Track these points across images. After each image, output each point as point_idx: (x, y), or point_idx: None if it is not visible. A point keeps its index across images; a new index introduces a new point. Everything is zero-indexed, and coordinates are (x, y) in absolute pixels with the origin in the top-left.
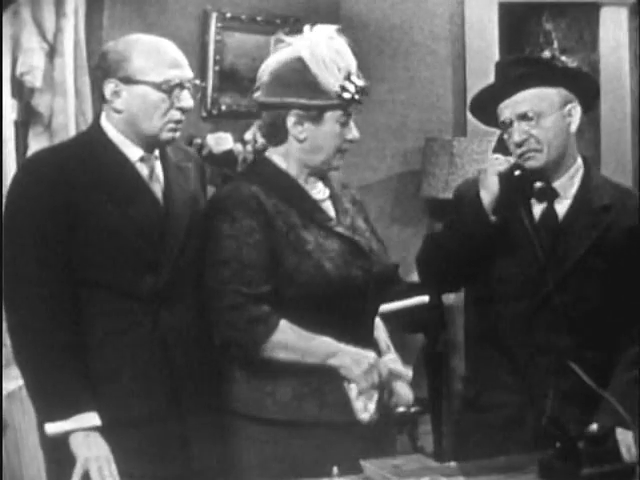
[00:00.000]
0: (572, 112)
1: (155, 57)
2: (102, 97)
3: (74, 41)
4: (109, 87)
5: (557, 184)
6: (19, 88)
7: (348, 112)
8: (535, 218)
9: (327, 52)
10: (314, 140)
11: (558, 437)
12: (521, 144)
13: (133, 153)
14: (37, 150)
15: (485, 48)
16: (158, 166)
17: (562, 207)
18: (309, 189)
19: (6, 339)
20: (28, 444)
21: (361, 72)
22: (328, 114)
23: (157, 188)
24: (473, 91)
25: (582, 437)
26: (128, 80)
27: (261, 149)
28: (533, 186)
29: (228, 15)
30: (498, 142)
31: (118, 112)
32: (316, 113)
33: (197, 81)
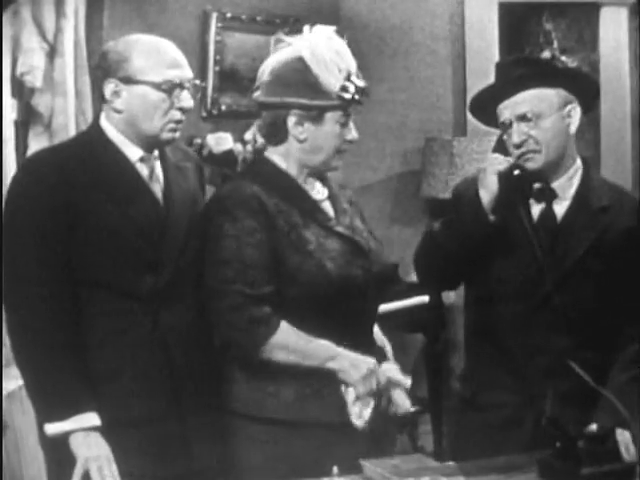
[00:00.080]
0: (572, 113)
1: (155, 57)
2: (102, 97)
3: (74, 41)
4: (109, 87)
5: (556, 185)
6: (19, 88)
7: (348, 112)
8: (534, 218)
9: (327, 52)
10: (314, 140)
11: (558, 437)
12: (520, 145)
13: (133, 153)
14: (37, 150)
15: (485, 48)
16: (158, 166)
17: (561, 208)
18: (308, 189)
19: (6, 339)
20: (28, 444)
21: (361, 72)
22: (329, 114)
23: (157, 188)
24: (473, 91)
25: (582, 437)
26: (128, 80)
27: (261, 149)
28: (532, 186)
29: (228, 15)
30: (498, 142)
31: (118, 112)
32: (317, 113)
33: (197, 81)
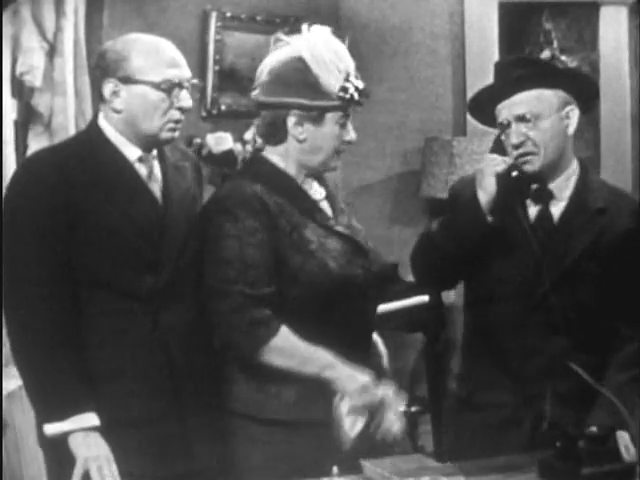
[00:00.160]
0: (570, 115)
1: (154, 57)
2: (101, 97)
3: (74, 40)
4: (108, 87)
5: (552, 185)
6: (19, 88)
7: (347, 113)
8: (530, 219)
9: (327, 53)
10: (314, 141)
11: (558, 437)
12: (518, 146)
13: (131, 153)
14: (36, 150)
15: (485, 48)
16: (156, 166)
17: (557, 209)
18: (307, 189)
19: (6, 339)
20: (28, 444)
21: (361, 72)
22: (329, 115)
23: (156, 188)
24: (473, 91)
25: (582, 437)
26: (127, 80)
27: (261, 149)
28: (530, 187)
29: (228, 14)
30: (495, 142)
31: (117, 112)
32: (317, 114)
33: (196, 80)
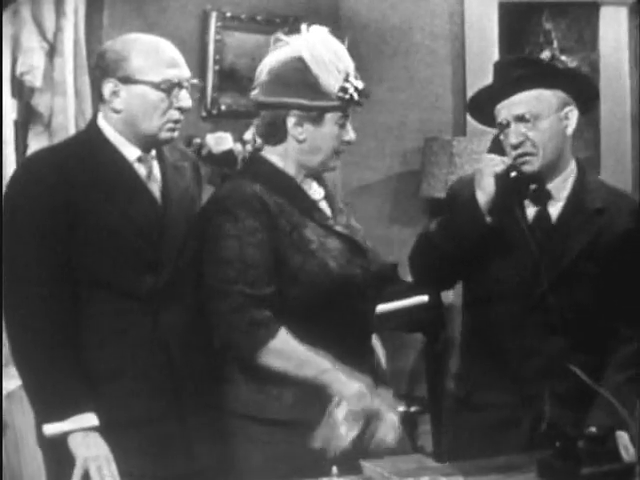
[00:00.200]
0: (569, 115)
1: (154, 57)
2: (100, 97)
3: (74, 40)
4: (108, 87)
5: (551, 186)
6: (19, 88)
7: (347, 113)
8: (528, 219)
9: (326, 53)
10: (313, 141)
11: (558, 437)
12: (517, 146)
13: (131, 153)
14: (36, 150)
15: (485, 48)
16: (155, 166)
17: (555, 209)
18: (306, 189)
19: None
20: (28, 444)
21: (361, 72)
22: (328, 115)
23: (155, 188)
24: (473, 91)
25: (581, 437)
26: (127, 80)
27: (260, 149)
28: (528, 188)
29: (228, 14)
30: (493, 142)
31: (117, 112)
32: (317, 114)
33: (195, 80)
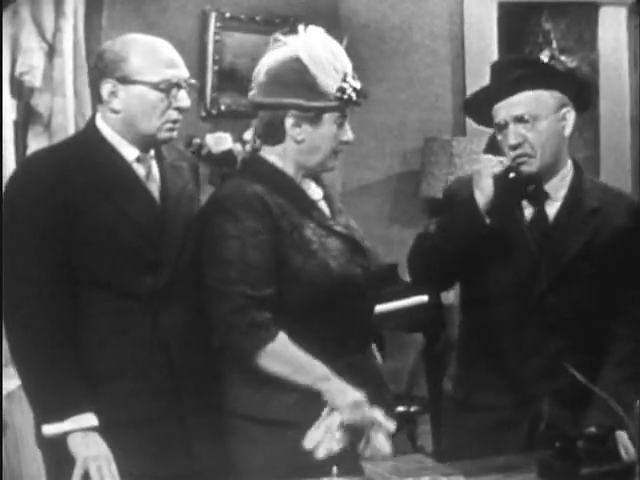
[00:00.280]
0: (567, 116)
1: (152, 57)
2: (99, 97)
3: (73, 41)
4: (106, 87)
5: (548, 186)
6: (18, 88)
7: (345, 114)
8: (526, 219)
9: (324, 53)
10: (312, 141)
11: (557, 437)
12: (516, 147)
13: (129, 153)
14: (35, 150)
15: (484, 48)
16: (154, 166)
17: (552, 209)
18: (305, 189)
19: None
20: (28, 444)
21: (360, 72)
22: (326, 116)
23: (154, 188)
24: (472, 90)
25: (581, 437)
26: (125, 80)
27: (258, 149)
28: (526, 188)
29: (227, 15)
30: (489, 143)
31: (115, 112)
32: (315, 115)
33: (193, 80)
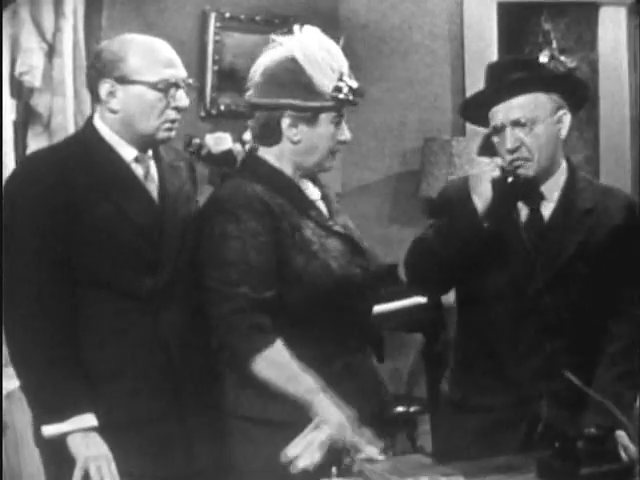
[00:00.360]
0: (563, 118)
1: (150, 57)
2: (97, 97)
3: (73, 41)
4: (104, 87)
5: (543, 187)
6: (18, 88)
7: (341, 113)
8: (522, 221)
9: (320, 52)
10: (308, 142)
11: (557, 437)
12: (513, 151)
13: (128, 153)
14: (34, 150)
15: (484, 48)
16: (152, 166)
17: (547, 209)
18: (304, 189)
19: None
20: (28, 444)
21: (360, 72)
22: (323, 116)
23: (152, 187)
24: (472, 91)
25: (581, 437)
26: (124, 80)
27: (255, 149)
28: (523, 191)
29: (227, 15)
30: (483, 143)
31: (114, 112)
32: (311, 115)
33: (191, 80)
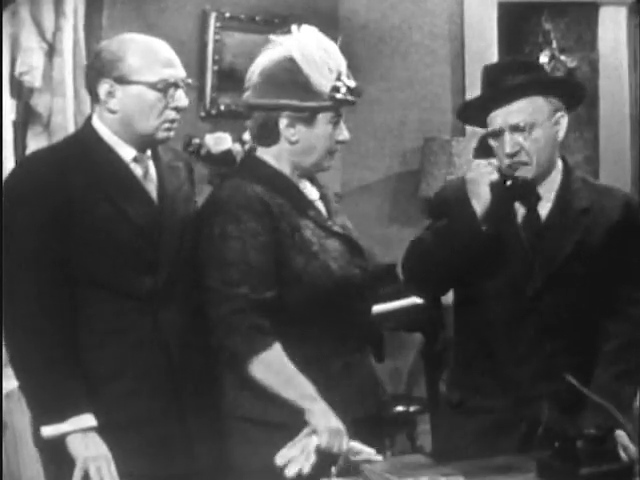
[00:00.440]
0: (560, 120)
1: (149, 57)
2: (95, 97)
3: (73, 41)
4: (103, 87)
5: (540, 187)
6: (18, 88)
7: (339, 113)
8: (519, 221)
9: (317, 52)
10: (306, 142)
11: (556, 437)
12: (512, 155)
13: (126, 153)
14: (34, 150)
15: (484, 48)
16: (151, 166)
17: (544, 210)
18: (303, 189)
19: None
20: (27, 444)
21: (360, 72)
22: (320, 116)
23: (151, 188)
24: (472, 90)
25: (580, 437)
26: (123, 80)
27: (254, 149)
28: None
29: (227, 15)
30: (479, 145)
31: (113, 112)
32: (309, 115)
33: (190, 80)
